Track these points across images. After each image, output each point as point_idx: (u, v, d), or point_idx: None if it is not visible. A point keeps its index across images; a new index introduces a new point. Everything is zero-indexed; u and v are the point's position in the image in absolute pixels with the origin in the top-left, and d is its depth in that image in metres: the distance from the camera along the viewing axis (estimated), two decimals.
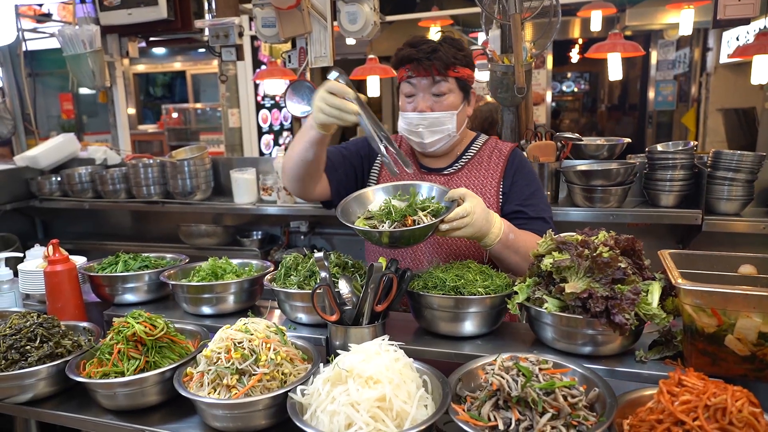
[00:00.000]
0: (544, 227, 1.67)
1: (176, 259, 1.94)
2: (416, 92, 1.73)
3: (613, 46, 3.61)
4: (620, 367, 1.29)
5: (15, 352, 1.37)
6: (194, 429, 1.25)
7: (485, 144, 1.88)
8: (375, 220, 1.51)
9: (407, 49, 1.72)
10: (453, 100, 1.73)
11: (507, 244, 1.56)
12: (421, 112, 1.72)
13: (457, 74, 1.71)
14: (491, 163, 1.82)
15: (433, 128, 1.73)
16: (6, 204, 3.68)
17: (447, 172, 1.83)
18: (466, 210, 1.45)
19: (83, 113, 9.70)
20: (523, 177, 1.81)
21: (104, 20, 3.59)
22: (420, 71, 1.70)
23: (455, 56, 1.70)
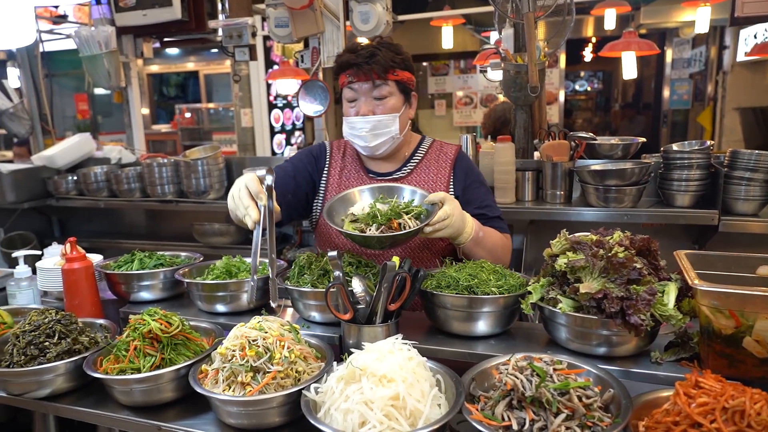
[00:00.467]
0: (500, 224, 1.87)
1: (191, 257, 1.96)
2: (358, 97, 1.78)
3: (628, 44, 3.58)
4: (635, 368, 1.28)
5: (34, 348, 1.39)
6: (209, 425, 1.26)
7: (431, 147, 1.94)
8: (361, 223, 1.58)
9: (346, 55, 1.77)
10: (394, 103, 1.78)
11: (477, 241, 1.68)
12: (364, 115, 1.76)
13: (396, 77, 1.77)
14: (438, 166, 1.89)
15: (376, 131, 1.77)
16: (24, 203, 3.73)
17: (394, 176, 1.89)
18: (447, 212, 1.56)
19: (98, 113, 9.81)
20: (474, 180, 1.90)
21: (119, 21, 3.63)
22: (360, 76, 1.74)
23: (393, 60, 1.75)
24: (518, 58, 2.70)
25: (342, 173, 1.93)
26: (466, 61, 8.83)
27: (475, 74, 8.72)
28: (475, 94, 8.80)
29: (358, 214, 1.61)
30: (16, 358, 1.39)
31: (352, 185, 1.88)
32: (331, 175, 1.93)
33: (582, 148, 2.76)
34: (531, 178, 2.85)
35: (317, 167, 1.95)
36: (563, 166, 2.71)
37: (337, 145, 2.00)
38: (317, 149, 2.00)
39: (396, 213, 1.57)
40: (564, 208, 2.73)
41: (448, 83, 9.00)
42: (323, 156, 1.97)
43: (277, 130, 6.72)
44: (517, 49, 2.83)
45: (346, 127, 1.83)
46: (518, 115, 2.99)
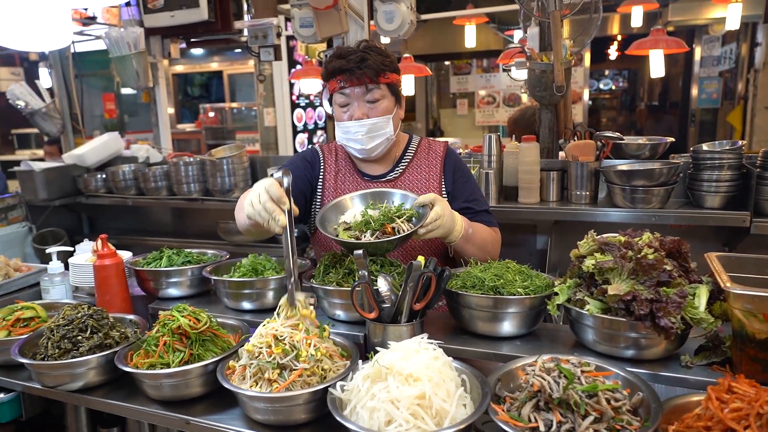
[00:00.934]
0: (488, 218, 1.90)
1: (217, 255, 1.98)
2: (351, 101, 1.81)
3: (656, 42, 3.51)
4: (664, 372, 1.26)
5: (68, 342, 1.43)
6: (236, 421, 1.28)
7: (419, 145, 1.98)
8: (355, 231, 1.61)
9: (337, 61, 1.79)
10: (387, 105, 1.82)
11: (467, 238, 1.71)
12: (358, 119, 1.79)
13: (387, 80, 1.80)
14: (429, 164, 1.94)
15: (372, 134, 1.81)
16: (55, 200, 3.83)
17: (388, 178, 1.93)
18: (438, 213, 1.59)
19: (124, 113, 10.01)
20: (462, 175, 1.94)
21: (148, 22, 3.70)
22: (353, 80, 1.77)
23: (383, 63, 1.78)
24: (544, 57, 2.68)
25: (337, 177, 1.96)
26: (489, 60, 8.77)
27: (498, 73, 8.67)
28: (497, 93, 8.75)
29: (350, 222, 1.64)
30: (51, 351, 1.43)
31: (348, 189, 1.91)
32: (326, 179, 1.96)
33: (608, 148, 2.72)
34: (556, 178, 2.82)
35: (313, 173, 1.97)
36: (589, 166, 2.68)
37: (328, 149, 2.03)
38: (310, 154, 2.02)
39: (388, 218, 1.60)
40: (589, 208, 2.70)
41: (471, 82, 8.96)
42: (317, 161, 2.00)
43: (299, 130, 6.77)
44: (542, 48, 2.80)
45: (339, 132, 1.86)
46: (543, 115, 2.97)
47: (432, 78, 9.35)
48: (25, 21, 1.19)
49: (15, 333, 1.62)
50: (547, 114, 2.96)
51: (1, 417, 1.59)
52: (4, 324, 1.64)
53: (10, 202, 3.73)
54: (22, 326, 1.65)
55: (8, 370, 1.59)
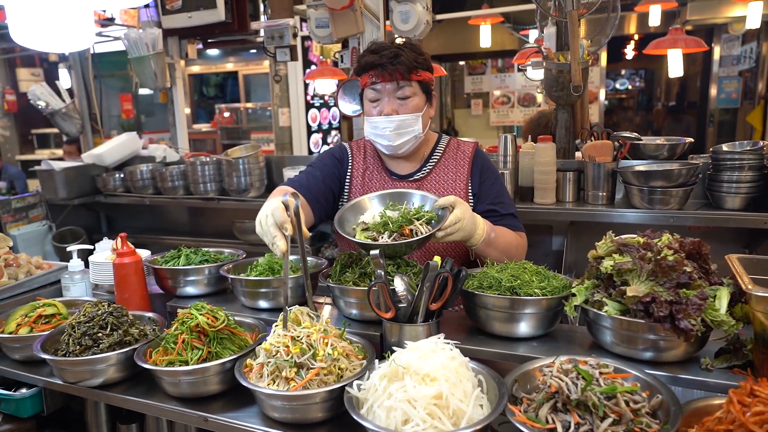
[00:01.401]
0: (513, 222, 1.87)
1: (234, 254, 2.00)
2: (381, 97, 1.80)
3: (674, 41, 3.48)
4: (684, 375, 1.24)
5: (88, 339, 1.45)
6: (253, 418, 1.29)
7: (448, 145, 1.96)
8: (372, 231, 1.59)
9: (370, 56, 1.78)
10: (417, 103, 1.80)
11: (489, 242, 1.68)
12: (388, 115, 1.78)
13: (419, 77, 1.79)
14: (457, 165, 1.91)
15: (400, 130, 1.79)
16: (74, 199, 3.89)
17: (416, 177, 1.91)
18: (458, 216, 1.56)
19: (141, 113, 10.13)
20: (489, 176, 1.91)
21: (166, 23, 3.74)
22: (385, 76, 1.76)
23: (416, 60, 1.77)
24: (561, 57, 2.66)
25: (365, 174, 1.96)
26: (504, 60, 8.73)
27: (513, 73, 8.62)
28: (512, 93, 8.71)
29: (369, 223, 1.62)
30: (72, 347, 1.45)
31: (375, 186, 1.91)
32: (354, 176, 1.96)
33: (626, 149, 2.70)
34: (572, 179, 2.80)
35: (342, 169, 1.98)
36: (606, 167, 2.66)
37: (357, 146, 2.03)
38: (338, 151, 2.02)
39: (407, 219, 1.58)
40: (606, 209, 2.68)
41: (485, 82, 8.92)
42: (345, 158, 2.00)
43: (314, 130, 6.80)
44: (559, 48, 2.78)
45: (368, 127, 1.85)
46: (559, 115, 2.95)
47: (446, 78, 9.33)
48: (48, 22, 1.21)
49: (37, 329, 1.65)
50: (563, 114, 2.94)
51: (23, 412, 1.62)
52: (27, 320, 1.67)
53: (31, 200, 3.80)
54: (43, 323, 1.68)
55: (30, 366, 1.62)
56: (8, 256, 1.98)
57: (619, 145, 2.69)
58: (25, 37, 1.23)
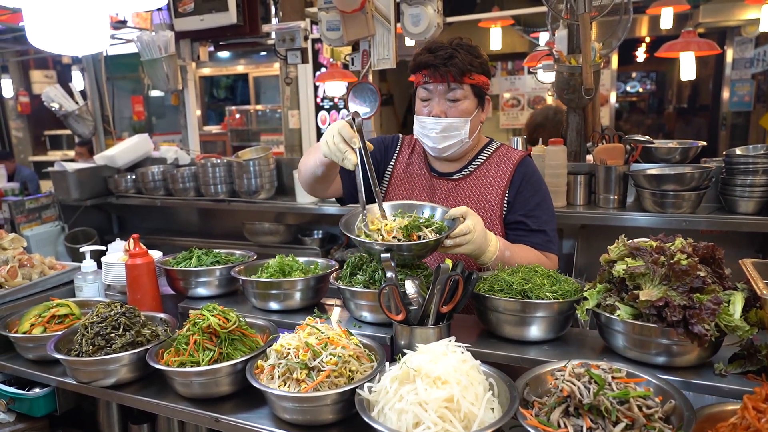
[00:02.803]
0: (543, 240, 1.76)
1: (245, 255, 2.01)
2: (432, 97, 1.77)
3: (687, 44, 3.45)
4: (697, 380, 1.23)
5: (101, 339, 1.47)
6: (264, 420, 1.29)
7: (496, 151, 1.90)
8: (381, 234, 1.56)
9: (425, 55, 1.75)
10: (467, 106, 1.76)
11: (503, 261, 1.62)
12: (436, 116, 1.76)
13: (472, 81, 1.74)
14: (499, 171, 1.85)
15: (446, 133, 1.77)
16: (87, 200, 3.93)
17: (456, 177, 1.88)
18: (468, 227, 1.52)
19: (152, 115, 10.21)
20: (529, 187, 1.82)
21: (178, 26, 3.77)
22: (436, 77, 1.73)
23: (471, 63, 1.72)
24: (572, 60, 2.65)
25: (407, 168, 1.96)
26: (514, 62, 8.71)
27: (523, 76, 8.59)
28: (522, 95, 8.67)
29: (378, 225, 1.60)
30: (85, 347, 1.46)
31: (415, 181, 1.92)
32: (396, 168, 1.97)
33: (638, 152, 2.68)
34: (583, 182, 2.79)
35: (386, 156, 2.00)
36: (618, 170, 2.64)
37: (409, 141, 2.03)
38: (390, 140, 2.04)
39: (416, 226, 1.55)
40: (618, 213, 2.66)
41: (495, 85, 8.89)
42: (393, 147, 2.02)
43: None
44: (570, 51, 2.77)
45: (417, 126, 1.83)
46: (571, 118, 2.94)
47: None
48: (64, 25, 1.23)
49: (50, 329, 1.66)
50: (574, 117, 2.92)
51: (37, 411, 1.64)
52: (40, 320, 1.69)
53: (44, 201, 3.84)
54: (57, 323, 1.70)
55: (44, 366, 1.63)
56: (22, 256, 2.00)
57: (630, 148, 2.68)
58: (41, 39, 1.25)
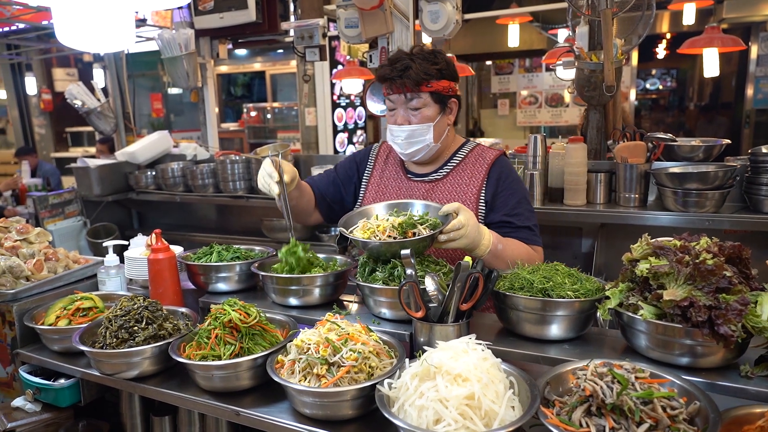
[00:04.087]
0: (529, 235, 1.84)
1: (264, 251, 2.02)
2: (396, 107, 1.86)
3: (710, 40, 3.40)
4: (722, 381, 1.21)
5: (124, 332, 1.49)
6: (284, 414, 1.30)
7: (471, 151, 1.96)
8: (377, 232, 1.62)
9: (383, 68, 1.85)
10: (428, 113, 1.83)
11: (496, 254, 1.68)
12: (400, 125, 1.84)
13: (430, 89, 1.80)
14: (474, 171, 1.90)
15: (411, 140, 1.85)
16: (108, 196, 3.99)
17: (431, 178, 1.94)
18: (461, 222, 1.57)
19: (170, 112, 10.33)
20: (507, 187, 1.88)
21: (198, 24, 3.80)
22: (394, 89, 1.82)
23: (427, 71, 1.78)
24: (593, 56, 2.62)
25: (383, 174, 2.05)
26: (532, 59, 8.64)
27: (541, 73, 8.52)
28: (540, 93, 8.61)
29: (373, 225, 1.66)
30: (109, 340, 1.49)
31: (391, 185, 2.00)
32: (372, 176, 2.06)
33: (660, 150, 2.64)
34: (603, 180, 2.76)
35: (359, 174, 2.10)
36: (639, 168, 2.61)
37: (385, 147, 2.12)
38: (362, 154, 2.15)
39: (411, 224, 1.61)
40: (638, 211, 2.63)
41: (512, 82, 8.84)
42: (367, 158, 2.12)
43: (339, 129, 6.83)
44: (591, 47, 2.74)
45: (388, 133, 1.93)
46: (591, 115, 2.90)
47: (473, 78, 9.27)
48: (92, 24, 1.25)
49: (75, 322, 1.70)
50: (595, 114, 2.89)
51: (62, 401, 1.67)
52: (65, 313, 1.72)
53: (67, 197, 3.90)
54: (81, 315, 1.73)
55: (68, 357, 1.67)
56: (48, 250, 2.04)
57: (653, 146, 2.64)
58: (70, 38, 1.27)
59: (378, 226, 1.63)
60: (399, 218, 1.64)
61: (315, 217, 2.11)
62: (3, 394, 1.91)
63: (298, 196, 1.94)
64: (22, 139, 9.51)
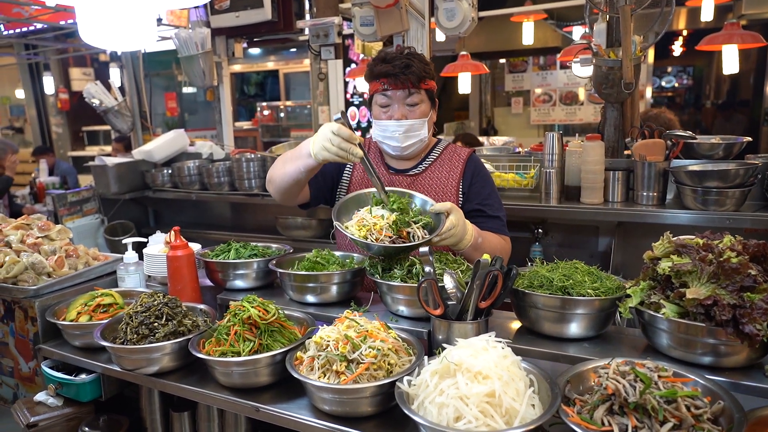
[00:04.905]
0: (499, 225, 1.98)
1: (281, 249, 2.03)
2: (392, 103, 1.92)
3: (730, 36, 3.35)
4: (746, 381, 1.20)
5: (145, 328, 1.51)
6: (303, 410, 1.31)
7: (446, 149, 2.08)
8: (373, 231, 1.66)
9: (383, 65, 1.90)
10: (424, 109, 1.94)
11: (476, 247, 1.76)
12: (398, 120, 1.91)
13: (426, 86, 1.93)
14: (452, 165, 2.03)
15: (408, 133, 1.93)
16: (125, 194, 4.03)
17: (413, 172, 2.03)
18: (453, 223, 1.67)
19: (185, 111, 10.41)
20: (480, 179, 2.02)
21: (214, 23, 3.83)
22: (396, 84, 1.89)
23: (425, 70, 1.91)
24: (611, 54, 2.60)
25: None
26: (546, 57, 8.57)
27: (555, 71, 8.45)
28: (554, 91, 8.54)
29: (368, 222, 1.69)
30: (130, 336, 1.51)
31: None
32: (355, 168, 2.10)
33: (679, 148, 2.61)
34: (621, 178, 2.73)
35: (341, 165, 2.10)
36: (658, 166, 2.58)
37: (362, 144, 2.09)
38: None
39: (405, 222, 1.68)
40: (657, 210, 2.60)
41: (526, 80, 8.78)
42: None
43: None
44: (609, 44, 2.71)
45: (377, 130, 1.98)
46: (608, 113, 2.88)
47: (486, 76, 9.23)
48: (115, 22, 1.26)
49: (96, 318, 1.72)
50: (612, 112, 2.86)
51: (83, 396, 1.69)
52: (86, 309, 1.74)
53: (85, 195, 3.95)
54: (102, 312, 1.75)
55: (89, 353, 1.69)
56: (68, 247, 2.07)
57: (672, 144, 2.61)
58: (93, 36, 1.29)
59: (374, 224, 1.67)
60: (393, 216, 1.69)
61: (301, 196, 2.05)
62: (25, 388, 1.95)
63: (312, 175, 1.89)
64: (40, 138, 9.65)
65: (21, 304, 1.84)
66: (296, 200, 2.06)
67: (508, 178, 3.04)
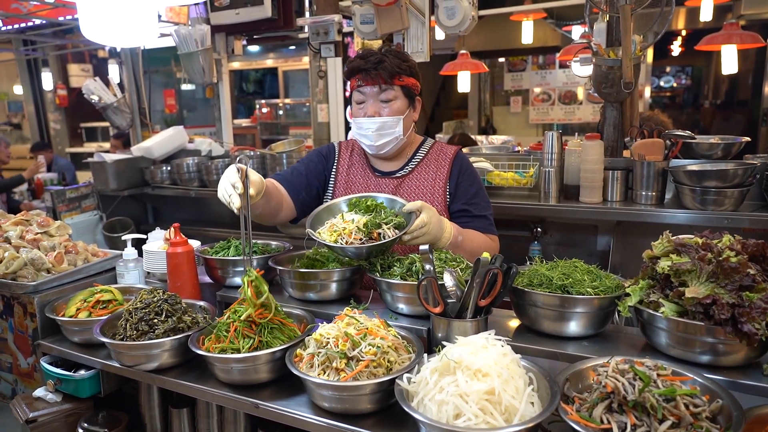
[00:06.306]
0: (486, 224, 1.96)
1: (280, 246, 2.04)
2: (366, 99, 1.91)
3: (729, 36, 3.36)
4: (744, 380, 1.20)
5: (144, 324, 1.51)
6: (302, 407, 1.31)
7: (432, 148, 2.05)
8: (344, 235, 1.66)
9: (357, 61, 1.90)
10: (399, 106, 1.91)
11: (456, 245, 1.76)
12: (371, 117, 1.89)
13: (401, 83, 1.89)
14: (438, 166, 2.00)
15: (381, 131, 1.90)
16: (124, 190, 4.03)
17: (399, 174, 2.01)
18: (424, 221, 1.65)
19: (184, 108, 10.39)
20: (467, 178, 2.00)
21: (214, 20, 3.82)
22: (368, 80, 1.87)
23: (399, 66, 1.88)
24: (611, 53, 2.60)
25: (349, 171, 2.07)
26: (545, 56, 8.57)
27: (554, 70, 8.46)
28: (553, 90, 8.54)
29: (339, 227, 1.69)
30: (129, 332, 1.51)
31: (359, 182, 2.03)
32: (339, 173, 2.08)
33: (678, 148, 2.61)
34: (620, 178, 2.74)
35: (327, 166, 2.11)
36: (656, 166, 2.58)
37: (346, 146, 2.15)
38: (326, 149, 2.16)
39: (375, 224, 1.66)
40: (655, 209, 2.61)
41: (525, 79, 8.78)
42: (332, 155, 2.13)
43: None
44: (609, 44, 2.71)
45: (354, 127, 1.96)
46: (608, 112, 2.88)
47: (485, 75, 9.23)
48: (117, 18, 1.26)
49: (95, 314, 1.72)
50: (612, 111, 2.87)
51: (82, 392, 1.69)
52: (86, 305, 1.74)
53: (84, 191, 3.95)
54: (101, 308, 1.75)
55: (89, 349, 1.69)
56: (68, 243, 2.07)
57: (670, 143, 2.61)
58: (95, 32, 1.29)
59: (344, 229, 1.67)
60: (364, 218, 1.69)
61: (287, 212, 2.02)
62: (24, 384, 1.95)
63: (264, 204, 1.82)
64: (38, 134, 9.63)
65: (20, 300, 1.84)
66: (279, 220, 2.03)
67: (508, 177, 3.04)
